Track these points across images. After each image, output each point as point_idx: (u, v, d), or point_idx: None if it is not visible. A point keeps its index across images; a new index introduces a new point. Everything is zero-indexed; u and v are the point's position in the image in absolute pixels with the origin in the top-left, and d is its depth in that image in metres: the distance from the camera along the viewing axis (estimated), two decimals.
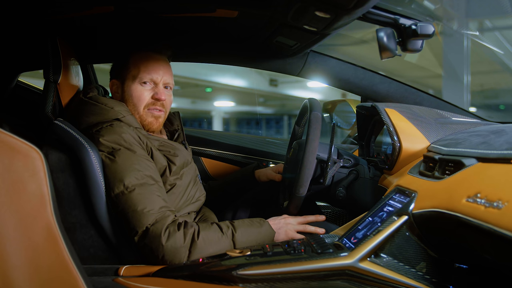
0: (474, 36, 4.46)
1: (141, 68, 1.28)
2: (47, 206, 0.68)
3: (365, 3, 1.01)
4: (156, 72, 1.29)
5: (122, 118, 1.20)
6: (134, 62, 1.29)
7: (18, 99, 1.86)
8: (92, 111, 1.20)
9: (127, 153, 1.12)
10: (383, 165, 1.32)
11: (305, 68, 1.67)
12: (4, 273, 0.64)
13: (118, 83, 1.32)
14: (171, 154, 1.27)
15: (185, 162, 1.32)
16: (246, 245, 1.10)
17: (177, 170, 1.27)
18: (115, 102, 1.25)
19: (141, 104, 1.28)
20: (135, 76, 1.28)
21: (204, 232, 1.07)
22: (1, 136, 0.66)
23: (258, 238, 1.14)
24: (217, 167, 1.95)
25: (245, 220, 1.18)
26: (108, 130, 1.15)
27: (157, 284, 0.95)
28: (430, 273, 0.90)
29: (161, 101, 1.29)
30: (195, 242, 1.05)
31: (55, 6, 1.25)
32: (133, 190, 1.07)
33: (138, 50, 1.32)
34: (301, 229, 1.22)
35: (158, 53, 1.33)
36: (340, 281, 0.90)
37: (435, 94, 1.64)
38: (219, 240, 1.08)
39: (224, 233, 1.10)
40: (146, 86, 1.28)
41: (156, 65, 1.30)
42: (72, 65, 1.36)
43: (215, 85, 7.86)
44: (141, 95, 1.28)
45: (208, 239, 1.07)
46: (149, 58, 1.30)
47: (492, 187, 0.75)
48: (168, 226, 1.05)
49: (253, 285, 0.89)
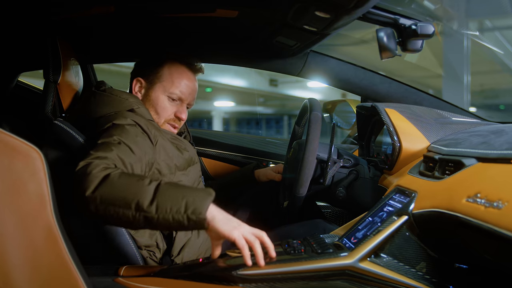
0: (474, 36, 4.46)
1: (175, 84, 1.28)
2: (47, 206, 0.68)
3: (365, 3, 1.01)
4: (189, 94, 1.31)
5: (136, 109, 1.19)
6: (169, 74, 1.28)
7: (18, 99, 1.86)
8: (105, 102, 1.19)
9: (128, 127, 1.08)
10: (383, 165, 1.32)
11: (305, 68, 1.67)
12: (4, 273, 0.64)
13: (144, 84, 1.30)
14: (181, 147, 1.27)
15: (192, 160, 1.32)
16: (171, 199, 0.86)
17: (185, 165, 1.26)
18: (129, 94, 1.24)
19: (163, 116, 1.29)
20: (166, 89, 1.27)
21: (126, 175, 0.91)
22: (1, 136, 0.66)
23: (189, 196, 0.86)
24: (217, 167, 1.95)
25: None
26: (118, 115, 1.12)
27: (157, 284, 0.95)
28: (430, 273, 0.90)
29: (181, 120, 1.31)
30: (110, 176, 0.88)
31: (55, 6, 1.25)
32: (101, 142, 1.00)
33: (174, 59, 1.30)
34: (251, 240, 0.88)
35: (193, 72, 1.33)
36: (340, 281, 0.90)
37: (435, 94, 1.64)
38: (135, 183, 0.87)
39: (145, 180, 0.88)
40: (173, 102, 1.29)
41: (190, 87, 1.30)
42: (72, 65, 1.36)
43: (215, 85, 7.85)
44: (165, 108, 1.28)
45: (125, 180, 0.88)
46: (184, 76, 1.30)
47: (492, 187, 0.75)
48: (98, 163, 0.91)
49: (253, 285, 0.89)
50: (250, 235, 0.88)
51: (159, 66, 1.29)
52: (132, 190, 0.86)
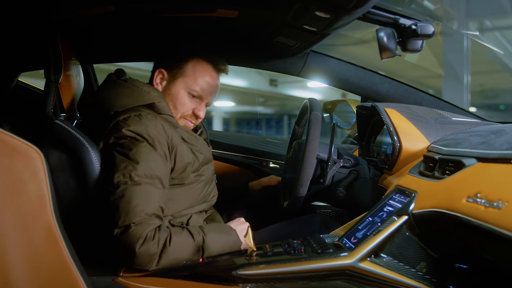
0: (474, 36, 4.46)
1: (198, 81, 1.26)
2: (47, 206, 0.68)
3: (365, 3, 1.01)
4: (210, 93, 1.29)
5: (158, 103, 1.18)
6: (193, 70, 1.27)
7: (18, 99, 1.86)
8: (126, 93, 1.17)
9: (147, 148, 1.08)
10: (383, 165, 1.32)
11: (305, 68, 1.67)
12: (4, 273, 0.64)
13: (166, 76, 1.28)
14: (197, 150, 1.25)
15: (206, 160, 1.30)
16: (214, 253, 1.08)
17: (199, 167, 1.25)
18: (151, 87, 1.23)
19: (181, 111, 1.27)
20: (188, 85, 1.26)
21: (175, 237, 1.04)
22: (1, 136, 0.66)
23: (226, 247, 1.11)
24: (217, 167, 1.93)
25: (215, 225, 1.18)
26: (135, 121, 1.11)
27: (157, 284, 0.96)
28: (430, 273, 0.90)
29: (198, 118, 1.30)
30: (166, 248, 1.01)
31: (55, 6, 1.25)
32: (137, 184, 1.03)
33: (199, 56, 1.29)
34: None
35: (216, 71, 1.32)
36: (340, 281, 0.90)
37: (435, 94, 1.64)
38: (189, 246, 1.05)
39: (195, 239, 1.06)
40: (193, 99, 1.28)
41: (212, 86, 1.30)
42: (73, 65, 1.36)
43: None
44: (184, 103, 1.27)
45: (178, 245, 1.04)
46: (207, 74, 1.28)
47: (492, 187, 0.75)
48: (147, 233, 1.00)
49: (253, 285, 0.89)
50: None
51: (183, 61, 1.27)
52: (187, 254, 1.05)
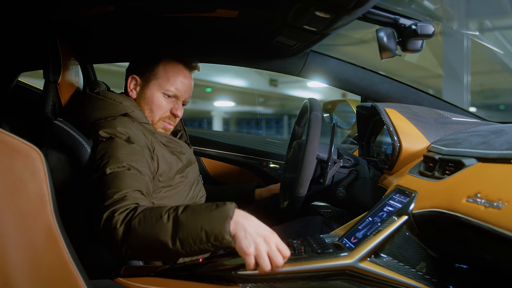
0: (474, 36, 4.46)
1: (171, 81, 1.27)
2: (47, 206, 0.68)
3: (365, 3, 1.01)
4: (184, 92, 1.30)
5: (131, 113, 1.20)
6: (165, 71, 1.28)
7: (18, 99, 1.86)
8: (100, 106, 1.19)
9: (122, 143, 1.09)
10: (383, 165, 1.32)
11: (305, 68, 1.67)
12: (4, 273, 0.64)
13: (139, 81, 1.30)
14: (177, 151, 1.27)
15: (190, 161, 1.32)
16: (192, 228, 0.88)
17: (183, 168, 1.26)
18: (123, 97, 1.24)
19: (158, 114, 1.28)
20: (161, 86, 1.27)
21: (145, 211, 0.92)
22: (1, 136, 0.66)
23: (206, 224, 0.87)
24: (217, 167, 1.95)
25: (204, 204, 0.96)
26: (110, 123, 1.13)
27: (157, 284, 0.95)
28: (430, 273, 0.90)
29: (177, 117, 1.32)
30: (130, 224, 0.91)
31: (55, 6, 1.25)
32: (112, 172, 1.02)
33: (170, 57, 1.30)
34: (263, 261, 0.87)
35: (188, 69, 1.32)
36: (340, 281, 0.90)
37: (435, 94, 1.64)
38: (154, 225, 0.89)
39: (166, 212, 0.90)
40: (169, 99, 1.29)
41: (185, 84, 1.30)
42: (72, 65, 1.36)
43: (215, 85, 7.85)
44: (161, 105, 1.28)
45: (147, 219, 0.90)
46: (180, 73, 1.29)
47: (492, 187, 0.75)
48: (114, 209, 0.94)
49: (253, 285, 0.89)
50: (264, 254, 0.86)
51: (154, 63, 1.29)
52: (154, 236, 0.89)
